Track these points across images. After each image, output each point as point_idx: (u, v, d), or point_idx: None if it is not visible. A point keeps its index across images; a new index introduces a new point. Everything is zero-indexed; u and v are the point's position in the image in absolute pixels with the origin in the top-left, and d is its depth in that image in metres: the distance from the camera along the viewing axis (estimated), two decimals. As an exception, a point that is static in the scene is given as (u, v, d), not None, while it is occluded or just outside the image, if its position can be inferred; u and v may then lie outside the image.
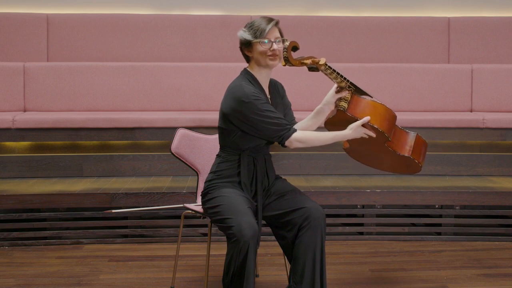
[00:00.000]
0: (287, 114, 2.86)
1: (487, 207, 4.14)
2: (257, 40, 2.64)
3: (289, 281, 2.72)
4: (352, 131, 2.64)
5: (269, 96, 2.78)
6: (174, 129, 3.24)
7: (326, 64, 2.64)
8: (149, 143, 4.58)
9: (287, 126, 2.65)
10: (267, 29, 2.64)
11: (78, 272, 3.46)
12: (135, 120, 4.47)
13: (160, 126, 4.47)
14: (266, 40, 2.64)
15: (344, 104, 2.69)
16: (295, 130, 2.66)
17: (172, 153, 3.12)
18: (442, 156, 4.58)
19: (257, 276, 3.37)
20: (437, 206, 4.10)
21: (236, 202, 2.62)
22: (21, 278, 3.36)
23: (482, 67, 5.07)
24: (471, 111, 5.02)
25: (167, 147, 3.32)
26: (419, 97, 5.01)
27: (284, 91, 2.89)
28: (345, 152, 2.96)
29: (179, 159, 3.15)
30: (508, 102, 5.01)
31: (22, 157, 4.45)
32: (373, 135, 2.66)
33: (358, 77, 5.02)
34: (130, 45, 5.17)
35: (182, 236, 3.66)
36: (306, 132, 2.70)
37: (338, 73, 2.68)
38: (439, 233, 4.11)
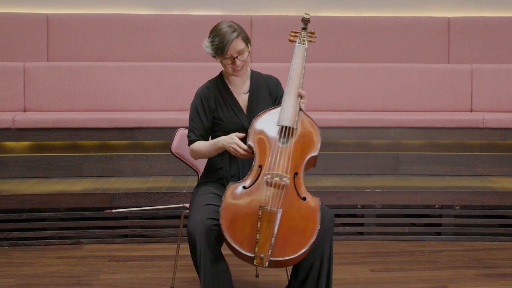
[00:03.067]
0: None
1: (487, 207, 4.14)
2: (217, 56, 2.64)
3: (289, 281, 2.71)
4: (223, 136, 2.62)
5: (248, 91, 2.77)
6: (174, 129, 3.24)
7: None
8: (149, 143, 4.58)
9: (191, 138, 2.71)
10: (226, 49, 2.59)
11: (78, 272, 3.46)
12: (135, 120, 4.47)
13: (160, 126, 4.47)
14: (226, 58, 2.62)
15: None
16: (194, 141, 2.71)
17: (172, 153, 3.12)
18: (442, 156, 4.58)
19: (257, 276, 3.37)
20: (437, 206, 4.10)
21: (198, 200, 2.64)
22: (21, 278, 3.36)
23: (482, 67, 5.07)
24: (471, 111, 5.02)
25: (167, 147, 3.32)
26: (419, 97, 5.01)
27: (278, 85, 2.86)
28: (345, 152, 2.90)
29: (179, 159, 3.14)
30: (508, 102, 5.01)
31: (22, 157, 4.45)
32: (244, 147, 2.50)
33: (358, 77, 5.03)
34: (130, 45, 5.17)
35: (182, 236, 3.65)
36: (196, 143, 2.72)
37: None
38: (439, 233, 4.11)
